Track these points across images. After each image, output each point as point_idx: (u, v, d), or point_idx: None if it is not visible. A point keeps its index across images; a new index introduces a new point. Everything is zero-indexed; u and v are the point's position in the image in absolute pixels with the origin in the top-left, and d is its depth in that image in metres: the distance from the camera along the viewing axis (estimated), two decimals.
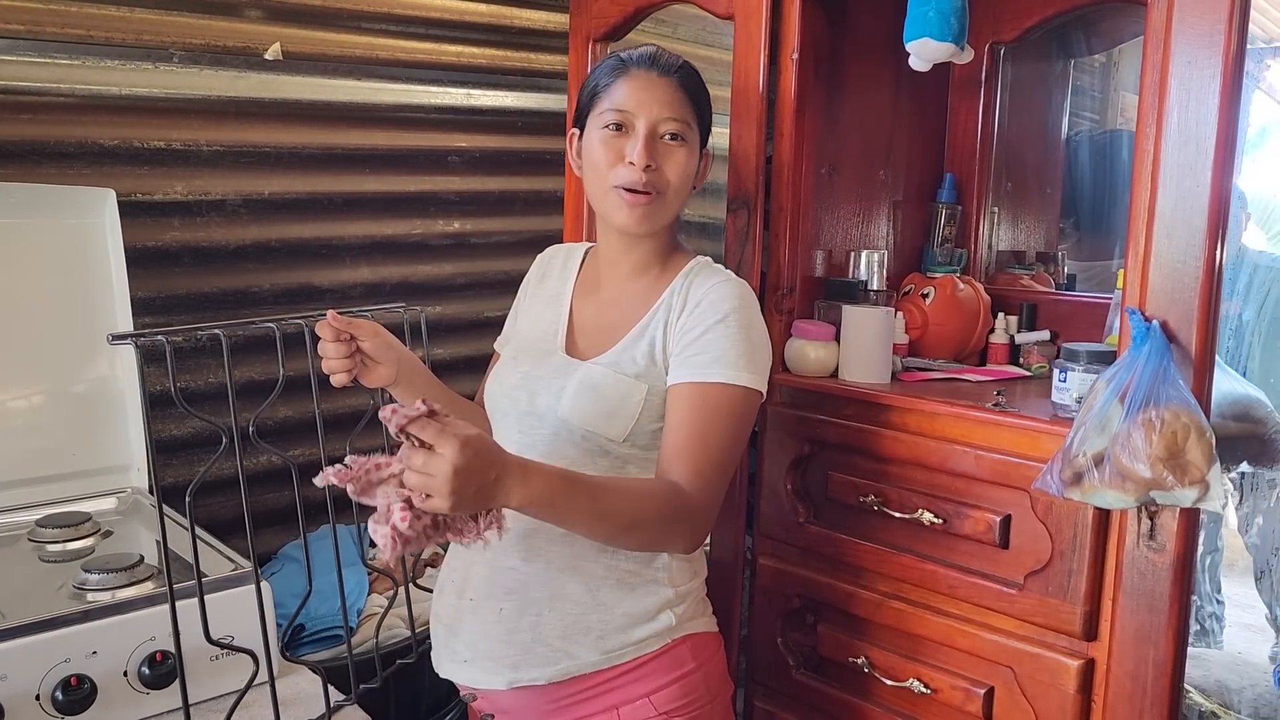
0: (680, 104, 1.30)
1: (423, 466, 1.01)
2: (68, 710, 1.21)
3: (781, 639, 1.66)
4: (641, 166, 1.29)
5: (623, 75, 1.31)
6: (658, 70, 1.31)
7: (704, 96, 1.35)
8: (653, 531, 1.19)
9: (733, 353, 1.25)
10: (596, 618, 1.27)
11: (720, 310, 1.28)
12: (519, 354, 1.41)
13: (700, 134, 1.35)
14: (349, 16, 2.03)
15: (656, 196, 1.30)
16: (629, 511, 1.16)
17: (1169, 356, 1.18)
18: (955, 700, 1.45)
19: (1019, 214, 1.99)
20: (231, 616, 1.31)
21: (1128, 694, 1.27)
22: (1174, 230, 1.21)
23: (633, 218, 1.31)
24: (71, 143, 1.74)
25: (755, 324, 1.30)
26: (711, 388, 1.24)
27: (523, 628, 1.27)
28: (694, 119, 1.32)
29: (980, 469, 1.40)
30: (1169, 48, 1.20)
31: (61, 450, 1.67)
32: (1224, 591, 2.81)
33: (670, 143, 1.30)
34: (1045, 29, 1.84)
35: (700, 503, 1.21)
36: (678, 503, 1.19)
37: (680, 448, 1.22)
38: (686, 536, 1.23)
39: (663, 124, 1.30)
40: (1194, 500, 1.13)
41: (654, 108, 1.29)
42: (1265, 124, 4.75)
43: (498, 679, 1.29)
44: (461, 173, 2.24)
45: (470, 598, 1.30)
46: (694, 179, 1.36)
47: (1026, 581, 1.36)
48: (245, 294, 1.96)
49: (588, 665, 1.27)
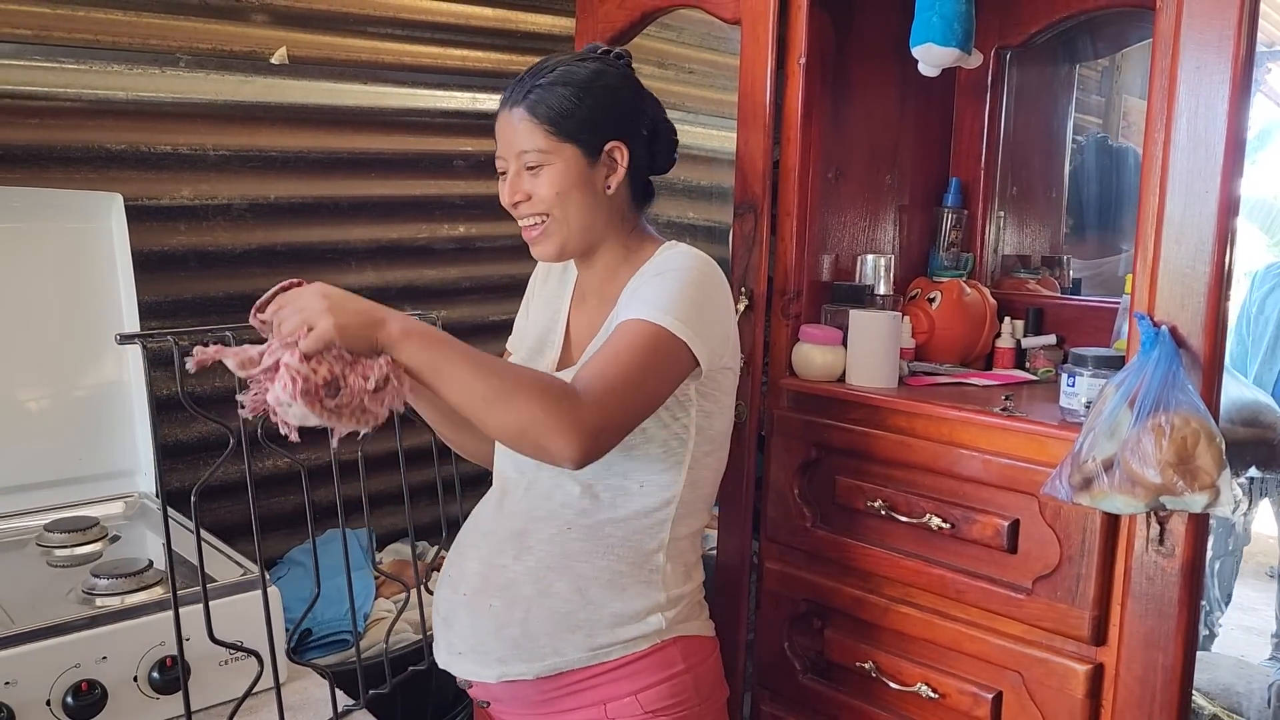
0: (531, 132, 1.28)
1: (292, 301, 1.08)
2: (78, 715, 1.21)
3: (788, 643, 1.67)
4: (510, 204, 1.31)
5: (496, 119, 1.33)
6: (509, 104, 1.30)
7: (571, 104, 1.28)
8: (529, 408, 1.11)
9: (661, 298, 1.22)
10: (584, 616, 1.27)
11: (662, 268, 1.27)
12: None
13: (578, 141, 1.28)
14: (355, 21, 2.04)
15: (543, 220, 1.30)
16: (509, 374, 1.14)
17: (1178, 362, 1.18)
18: (963, 705, 1.45)
19: (1024, 218, 1.99)
20: (239, 621, 1.31)
21: (1136, 699, 1.28)
22: (1183, 235, 1.21)
23: (535, 250, 1.34)
24: (78, 147, 1.74)
25: (699, 284, 1.25)
26: (633, 322, 1.21)
27: (512, 623, 1.28)
28: (555, 137, 1.27)
29: (988, 474, 1.40)
30: (1178, 53, 1.20)
31: (68, 454, 1.67)
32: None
33: (531, 171, 1.29)
34: (1051, 34, 1.84)
35: (588, 402, 1.14)
36: (561, 390, 1.14)
37: (589, 361, 1.21)
38: (566, 432, 1.12)
39: (522, 158, 1.29)
40: (1204, 505, 1.14)
41: (512, 146, 1.30)
42: (1265, 127, 4.75)
43: (488, 672, 1.30)
44: (467, 177, 2.24)
45: (464, 592, 1.32)
46: (589, 183, 1.30)
47: (1035, 586, 1.36)
48: (251, 298, 1.90)
49: (575, 662, 1.28)
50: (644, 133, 1.34)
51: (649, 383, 1.20)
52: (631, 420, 1.20)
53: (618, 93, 1.32)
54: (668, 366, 1.22)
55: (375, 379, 1.09)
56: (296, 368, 1.05)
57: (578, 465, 1.15)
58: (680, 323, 1.21)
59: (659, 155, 1.38)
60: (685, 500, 1.32)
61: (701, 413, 1.30)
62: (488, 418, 1.14)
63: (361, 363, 1.09)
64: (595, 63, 1.33)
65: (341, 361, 1.08)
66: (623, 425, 1.18)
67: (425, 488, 1.62)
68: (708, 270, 1.28)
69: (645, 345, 1.20)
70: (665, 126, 1.38)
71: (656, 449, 1.28)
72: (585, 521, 1.29)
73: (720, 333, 1.28)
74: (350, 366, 1.08)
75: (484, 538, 1.34)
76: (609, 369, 1.17)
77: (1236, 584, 3.08)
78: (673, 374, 1.23)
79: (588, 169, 1.30)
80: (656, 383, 1.21)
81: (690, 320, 1.22)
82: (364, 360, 1.09)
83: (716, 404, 1.32)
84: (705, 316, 1.24)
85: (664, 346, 1.21)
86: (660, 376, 1.21)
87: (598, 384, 1.16)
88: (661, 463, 1.29)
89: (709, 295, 1.27)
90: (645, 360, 1.19)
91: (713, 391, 1.31)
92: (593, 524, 1.29)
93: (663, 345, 1.21)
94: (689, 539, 1.35)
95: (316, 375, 1.05)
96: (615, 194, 1.32)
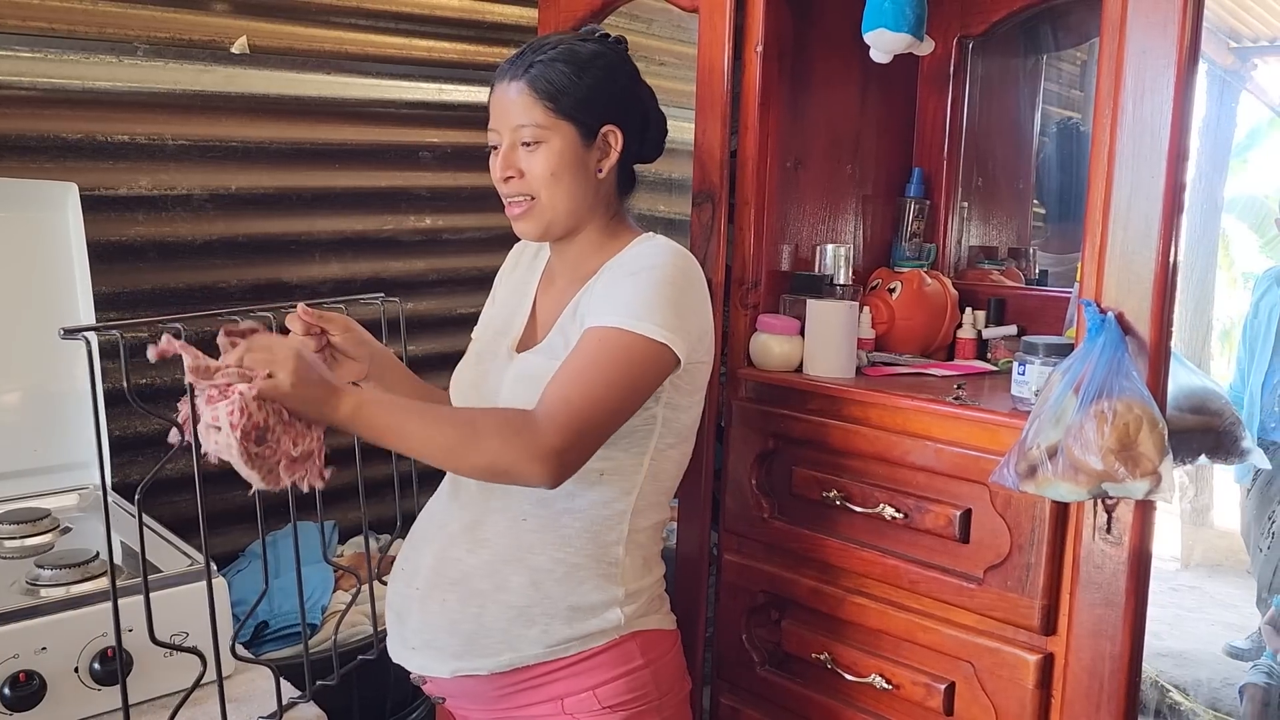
0: (530, 107, 1.26)
1: (267, 344, 1.09)
2: (15, 707, 1.20)
3: (746, 635, 1.66)
4: (501, 179, 1.30)
5: (491, 92, 1.32)
6: (508, 77, 1.29)
7: (571, 81, 1.27)
8: (492, 448, 1.13)
9: (635, 301, 1.21)
10: (540, 610, 1.26)
11: (638, 265, 1.25)
12: (480, 351, 1.41)
13: (576, 121, 1.28)
14: (317, 10, 2.02)
15: (530, 201, 1.30)
16: (464, 420, 1.17)
17: (1124, 348, 1.17)
18: (916, 696, 1.44)
19: (990, 209, 1.98)
20: (187, 612, 1.30)
21: (1085, 689, 1.27)
22: (1130, 221, 1.21)
23: (518, 227, 1.33)
24: (33, 136, 1.73)
25: (675, 282, 1.24)
26: (607, 331, 1.20)
27: (466, 618, 1.26)
28: (554, 113, 1.27)
29: (940, 463, 1.39)
30: (1124, 37, 1.20)
31: (22, 446, 1.65)
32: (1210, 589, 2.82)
33: (526, 148, 1.28)
34: (1013, 23, 1.83)
35: (549, 429, 1.14)
36: (519, 422, 1.15)
37: (556, 377, 1.19)
38: (531, 461, 1.13)
39: (518, 133, 1.28)
40: (1146, 492, 1.13)
41: (508, 119, 1.28)
42: (1254, 126, 4.75)
43: (441, 667, 1.29)
44: (433, 168, 2.23)
45: (417, 586, 1.30)
46: (582, 165, 1.30)
47: (986, 576, 1.36)
48: (213, 290, 1.95)
49: (531, 657, 1.26)
50: (638, 119, 1.35)
51: (617, 396, 1.20)
52: (599, 435, 1.20)
53: (617, 76, 1.32)
54: (643, 374, 1.21)
55: (302, 448, 1.11)
56: (249, 401, 1.06)
57: (553, 486, 1.18)
58: (658, 326, 1.20)
59: (649, 144, 1.38)
60: (645, 492, 1.31)
61: (669, 405, 1.29)
62: (456, 465, 1.20)
63: (296, 428, 1.11)
64: (596, 44, 1.33)
65: (278, 418, 1.09)
66: (589, 443, 1.19)
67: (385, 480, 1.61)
68: (683, 265, 1.28)
69: (615, 358, 1.19)
70: (657, 115, 1.39)
71: (620, 439, 1.26)
72: (542, 512, 1.27)
73: (698, 328, 1.27)
74: (285, 427, 1.10)
75: (438, 530, 1.32)
76: (572, 389, 1.17)
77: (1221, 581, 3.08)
78: (650, 380, 1.23)
79: (583, 150, 1.29)
80: (627, 392, 1.20)
81: (668, 321, 1.21)
82: (299, 427, 1.11)
83: (687, 397, 1.31)
84: (683, 312, 1.24)
85: (638, 354, 1.20)
86: (631, 386, 1.21)
87: (559, 408, 1.16)
88: (624, 453, 1.27)
89: (686, 291, 1.26)
90: (614, 374, 1.19)
91: (684, 384, 1.30)
92: (550, 514, 1.27)
93: (636, 353, 1.20)
94: (649, 531, 1.34)
95: (255, 416, 1.07)
96: (605, 178, 1.32)
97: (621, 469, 1.28)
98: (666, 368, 1.23)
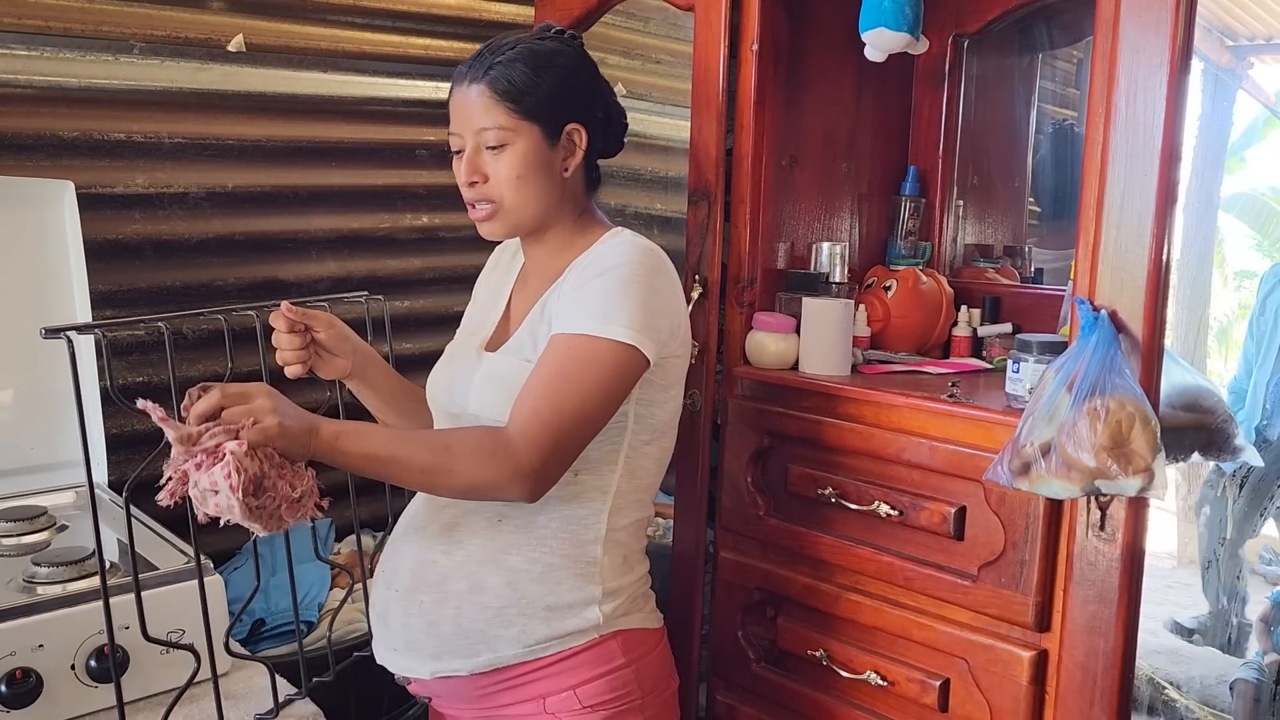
0: (492, 108, 1.25)
1: (236, 393, 1.10)
2: (12, 704, 1.21)
3: (742, 632, 1.66)
4: (466, 184, 1.29)
5: (450, 94, 1.30)
6: (468, 79, 1.27)
7: (533, 81, 1.25)
8: (468, 471, 1.14)
9: (601, 304, 1.21)
10: (517, 611, 1.25)
11: (603, 266, 1.24)
12: (453, 351, 1.42)
13: (539, 121, 1.26)
14: (314, 9, 2.03)
15: (494, 205, 1.29)
16: (439, 444, 1.17)
17: (1117, 346, 1.17)
18: (911, 692, 1.45)
19: (985, 207, 1.98)
20: (183, 609, 1.31)
21: (1078, 685, 1.27)
22: (1123, 219, 1.21)
23: (482, 229, 1.33)
24: (29, 134, 1.73)
25: (644, 281, 1.23)
26: (575, 338, 1.20)
27: (444, 620, 1.26)
28: (517, 114, 1.25)
29: (935, 460, 1.40)
30: (1117, 36, 1.20)
31: (19, 444, 1.66)
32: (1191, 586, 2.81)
33: (491, 151, 1.26)
34: (1007, 21, 1.83)
35: (523, 447, 1.15)
36: (493, 442, 1.15)
37: (526, 389, 1.19)
38: (508, 480, 1.15)
39: (481, 136, 1.26)
40: (1138, 489, 1.13)
41: (470, 122, 1.27)
42: (1251, 123, 4.74)
43: (422, 668, 1.29)
44: (430, 166, 2.23)
45: (396, 588, 1.30)
46: (547, 165, 1.28)
47: (980, 573, 1.36)
48: (209, 288, 1.96)
49: (509, 658, 1.26)
50: (599, 115, 1.33)
51: (590, 405, 1.20)
52: (574, 447, 1.20)
53: (576, 73, 1.31)
54: (613, 379, 1.21)
55: (302, 489, 1.11)
56: (241, 457, 1.05)
57: (533, 501, 1.20)
58: (625, 328, 1.20)
59: (611, 139, 1.37)
60: (623, 490, 1.30)
61: (641, 401, 1.28)
62: (435, 488, 1.20)
63: (291, 470, 1.11)
64: (553, 42, 1.31)
65: (271, 464, 1.08)
66: (565, 455, 1.20)
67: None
68: (650, 262, 1.26)
69: (584, 366, 1.19)
70: (617, 110, 1.38)
71: None
72: (518, 513, 1.27)
73: (668, 325, 1.26)
74: (279, 471, 1.09)
75: (416, 532, 1.32)
76: (542, 402, 1.17)
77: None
78: (621, 384, 1.23)
79: (548, 150, 1.28)
80: (599, 400, 1.20)
81: (636, 321, 1.21)
82: (293, 468, 1.11)
83: (661, 393, 1.31)
84: (651, 310, 1.23)
85: (607, 360, 1.20)
86: (603, 393, 1.21)
87: (531, 422, 1.17)
88: (597, 452, 1.27)
89: (654, 289, 1.25)
90: (583, 383, 1.19)
91: (657, 380, 1.29)
92: (526, 515, 1.27)
93: (606, 359, 1.20)
94: (628, 530, 1.33)
95: (249, 469, 1.06)
96: (571, 177, 1.31)
97: (595, 468, 1.28)
98: (637, 369, 1.23)
